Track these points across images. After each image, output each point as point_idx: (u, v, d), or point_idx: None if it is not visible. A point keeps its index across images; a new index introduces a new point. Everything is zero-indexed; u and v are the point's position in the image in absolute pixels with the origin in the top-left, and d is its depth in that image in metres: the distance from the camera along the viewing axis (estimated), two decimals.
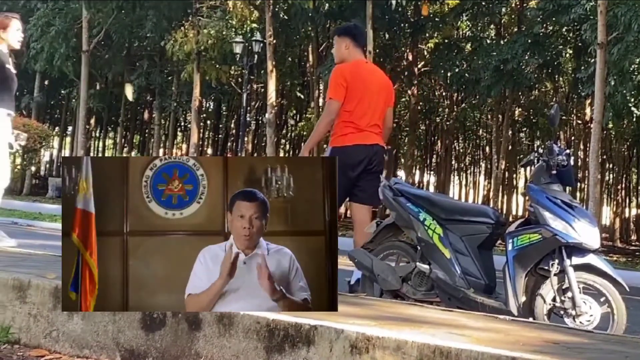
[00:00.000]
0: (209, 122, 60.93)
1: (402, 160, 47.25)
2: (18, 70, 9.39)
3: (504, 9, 34.95)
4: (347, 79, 7.70)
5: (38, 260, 6.52)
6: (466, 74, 34.53)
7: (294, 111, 53.84)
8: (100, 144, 65.64)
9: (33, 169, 45.01)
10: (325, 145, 8.17)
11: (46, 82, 48.50)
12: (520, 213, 51.06)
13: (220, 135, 62.07)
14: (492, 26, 38.61)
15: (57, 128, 60.79)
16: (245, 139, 39.57)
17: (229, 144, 61.75)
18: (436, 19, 37.62)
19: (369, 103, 7.81)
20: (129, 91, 23.03)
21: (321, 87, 39.20)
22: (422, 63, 39.77)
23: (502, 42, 34.09)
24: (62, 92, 54.48)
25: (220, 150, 62.10)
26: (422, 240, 6.72)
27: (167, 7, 38.59)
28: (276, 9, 34.75)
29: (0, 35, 8.89)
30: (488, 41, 37.23)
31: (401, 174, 48.03)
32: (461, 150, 59.33)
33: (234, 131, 57.52)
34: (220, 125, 61.24)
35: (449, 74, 37.21)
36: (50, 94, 51.58)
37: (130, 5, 38.56)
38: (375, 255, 7.06)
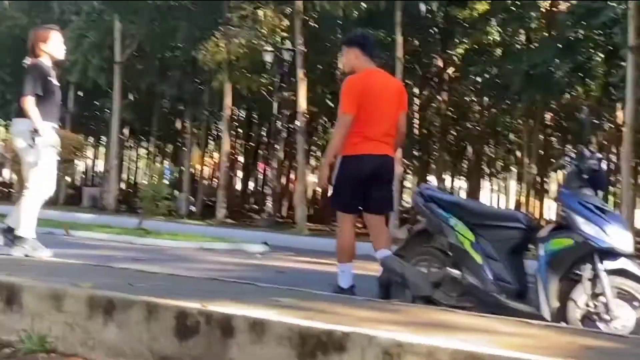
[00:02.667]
0: (240, 130, 61.02)
1: (433, 166, 47.17)
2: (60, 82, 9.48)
3: (533, 14, 34.79)
4: (358, 90, 7.83)
5: (74, 269, 6.59)
6: (496, 79, 34.47)
7: (325, 119, 53.87)
8: (134, 154, 65.94)
9: (68, 179, 45.30)
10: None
11: (80, 94, 48.80)
12: (551, 217, 50.79)
13: (252, 144, 62.16)
14: (522, 31, 38.42)
15: (91, 139, 61.14)
16: (277, 146, 39.60)
17: (260, 152, 61.85)
18: (466, 25, 37.57)
19: (381, 112, 7.92)
20: None
21: None
22: (452, 69, 39.70)
23: (532, 47, 33.96)
24: (96, 103, 54.76)
25: (252, 158, 62.24)
26: (453, 245, 6.74)
27: (198, 18, 38.78)
28: (306, 18, 34.82)
29: (42, 48, 8.97)
30: (518, 46, 37.11)
31: (432, 179, 47.97)
32: (492, 156, 59.06)
33: (265, 139, 57.58)
34: (252, 134, 61.31)
35: (479, 80, 37.15)
36: (84, 105, 51.87)
37: (163, 17, 38.76)
38: (407, 261, 7.07)
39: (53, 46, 9.01)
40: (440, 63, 38.40)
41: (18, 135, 8.79)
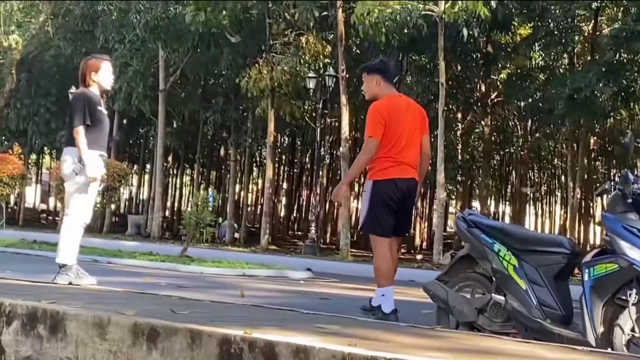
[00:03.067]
0: (283, 157, 61.17)
1: (477, 191, 46.97)
2: (108, 111, 9.59)
3: (576, 38, 34.66)
4: (384, 116, 8.02)
5: (117, 297, 6.63)
6: (540, 104, 34.34)
7: None
8: (178, 181, 66.27)
9: (113, 206, 45.63)
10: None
11: (125, 121, 49.24)
12: (596, 242, 50.36)
13: (295, 170, 62.26)
14: (565, 55, 38.28)
15: (135, 166, 61.56)
16: (320, 172, 39.68)
17: (304, 178, 61.94)
18: (508, 49, 37.49)
19: (406, 137, 8.11)
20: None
21: None
22: (495, 93, 39.61)
23: (575, 70, 33.81)
24: (140, 130, 55.22)
25: (295, 184, 62.31)
26: (497, 271, 6.70)
27: (241, 45, 39.01)
28: (348, 44, 34.92)
29: (92, 78, 9.08)
30: (561, 70, 37.01)
31: (476, 204, 47.75)
32: (536, 180, 58.75)
33: (308, 165, 57.66)
34: (295, 160, 61.42)
35: (522, 104, 37.05)
36: (128, 133, 52.31)
37: (206, 44, 39.03)
38: (450, 287, 7.05)
39: (103, 76, 9.13)
40: (483, 88, 38.31)
41: (65, 163, 8.90)
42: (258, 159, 59.81)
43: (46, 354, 4.83)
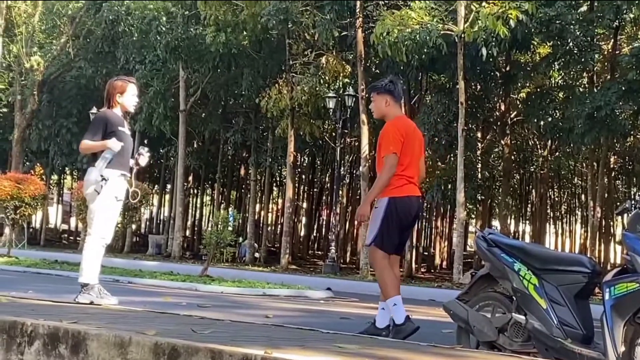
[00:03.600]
0: (303, 176, 61.27)
1: (497, 210, 46.87)
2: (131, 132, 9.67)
3: (596, 56, 34.54)
4: (402, 134, 8.26)
5: (138, 317, 6.65)
6: (559, 122, 34.24)
7: None
8: (198, 201, 66.41)
9: (133, 226, 45.78)
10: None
11: (145, 141, 49.49)
12: (617, 261, 50.09)
13: (315, 190, 62.33)
14: (584, 74, 38.18)
15: (156, 186, 61.75)
16: (340, 192, 39.67)
17: (323, 197, 61.98)
18: (528, 68, 37.45)
19: (416, 157, 8.37)
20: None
21: None
22: (515, 112, 39.55)
23: (595, 89, 33.70)
24: (161, 150, 55.39)
25: (315, 204, 62.34)
26: (517, 290, 6.69)
27: (261, 65, 39.18)
28: (368, 63, 34.98)
29: (117, 99, 9.16)
30: (581, 89, 36.88)
31: (496, 223, 47.61)
32: (556, 199, 58.58)
33: (328, 185, 57.71)
34: (315, 180, 61.51)
35: (542, 123, 36.93)
36: (149, 153, 52.50)
37: (226, 65, 39.21)
38: (471, 307, 7.05)
39: (127, 98, 9.20)
40: (502, 107, 38.25)
41: (87, 183, 8.97)
42: (278, 179, 59.91)
43: None
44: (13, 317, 5.30)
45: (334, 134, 38.58)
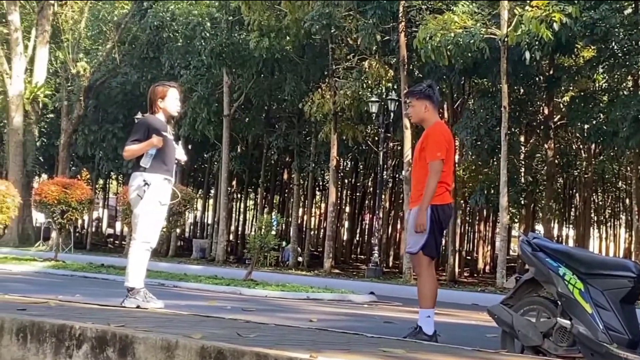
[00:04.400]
0: (346, 181, 61.24)
1: (540, 214, 46.56)
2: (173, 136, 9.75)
3: None
4: (446, 140, 8.37)
5: (184, 320, 6.71)
6: (604, 126, 33.94)
7: None
8: (242, 205, 66.60)
9: (178, 231, 45.99)
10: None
11: (190, 146, 49.73)
12: None
13: (357, 194, 62.29)
14: (629, 77, 37.80)
15: (200, 191, 61.99)
16: (383, 196, 39.64)
17: (366, 202, 61.91)
18: (571, 72, 37.19)
19: (452, 164, 8.58)
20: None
21: (457, 143, 39.10)
22: (558, 116, 39.27)
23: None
24: (205, 155, 55.67)
25: (358, 208, 62.30)
26: (562, 295, 6.68)
27: (304, 70, 39.26)
28: (410, 68, 34.92)
29: (159, 104, 9.24)
30: (625, 92, 36.53)
31: (539, 228, 47.30)
32: (600, 203, 58.05)
33: (371, 189, 57.67)
34: (358, 184, 61.47)
35: (586, 127, 36.67)
36: (193, 158, 52.74)
37: (269, 70, 39.35)
38: (515, 311, 7.04)
39: (169, 102, 9.28)
40: (546, 111, 37.98)
41: (131, 188, 9.07)
42: (321, 183, 59.94)
43: None
44: (61, 321, 5.38)
45: (376, 138, 38.54)
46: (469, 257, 52.89)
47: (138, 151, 8.94)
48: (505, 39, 27.29)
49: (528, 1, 27.38)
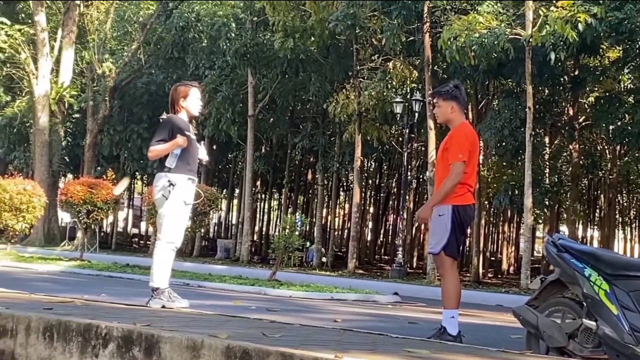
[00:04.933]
0: (370, 181, 61.21)
1: (565, 215, 46.39)
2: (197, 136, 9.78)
3: None
4: (470, 141, 8.34)
5: (209, 320, 6.74)
6: (629, 127, 33.78)
7: None
8: (266, 205, 66.69)
9: (202, 231, 46.08)
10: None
11: (214, 147, 49.84)
12: None
13: (382, 194, 62.26)
14: None
15: (224, 191, 62.09)
16: (407, 197, 39.59)
17: (390, 202, 61.88)
18: (597, 72, 37.03)
19: (475, 166, 8.53)
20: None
21: (481, 144, 39.03)
22: (583, 117, 39.11)
23: None
24: (229, 155, 55.77)
25: (382, 209, 62.28)
26: (588, 296, 6.66)
27: (329, 71, 39.27)
28: (435, 68, 34.87)
29: (181, 104, 9.28)
30: None
31: (564, 229, 47.11)
32: (625, 204, 57.76)
33: (395, 190, 57.62)
34: (382, 184, 61.45)
35: (611, 128, 36.46)
36: (217, 158, 52.85)
37: (294, 70, 39.36)
38: (541, 312, 7.03)
39: (191, 102, 9.31)
40: (571, 111, 37.86)
41: (156, 188, 9.11)
42: (345, 183, 59.92)
43: None
44: (88, 320, 5.41)
45: (400, 138, 38.50)
46: (493, 258, 52.76)
47: (163, 151, 8.99)
48: (530, 40, 27.19)
49: (553, 1, 27.26)
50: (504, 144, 35.05)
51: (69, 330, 5.34)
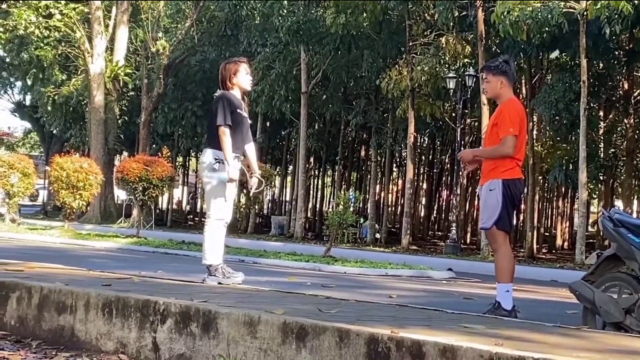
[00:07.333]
0: (423, 157, 60.99)
1: (620, 190, 45.94)
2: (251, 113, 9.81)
3: None
4: (520, 116, 8.33)
5: (265, 296, 6.78)
6: None
7: None
8: (319, 182, 66.74)
9: (257, 208, 46.23)
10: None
11: (267, 124, 49.91)
12: None
13: (435, 170, 62.05)
14: None
15: (278, 168, 62.25)
16: (460, 173, 39.42)
17: (443, 178, 61.67)
18: None
19: (524, 141, 8.44)
20: None
21: (534, 118, 38.71)
22: (638, 91, 38.62)
23: None
24: (282, 132, 55.84)
25: (435, 185, 62.09)
26: None
27: (381, 47, 39.12)
28: (488, 43, 34.60)
29: (232, 81, 9.32)
30: None
31: (619, 204, 46.64)
32: None
33: (448, 165, 57.43)
34: (435, 160, 61.22)
35: None
36: (271, 135, 52.95)
37: (347, 47, 39.27)
38: (597, 287, 7.00)
39: (242, 77, 9.35)
40: (625, 85, 37.44)
41: (202, 165, 9.18)
42: (398, 160, 59.75)
43: (199, 351, 4.98)
44: (146, 296, 5.47)
45: (453, 114, 38.27)
46: (547, 234, 52.45)
47: (226, 148, 8.99)
48: (585, 13, 26.88)
49: None
50: (558, 118, 34.75)
51: (128, 306, 5.40)
